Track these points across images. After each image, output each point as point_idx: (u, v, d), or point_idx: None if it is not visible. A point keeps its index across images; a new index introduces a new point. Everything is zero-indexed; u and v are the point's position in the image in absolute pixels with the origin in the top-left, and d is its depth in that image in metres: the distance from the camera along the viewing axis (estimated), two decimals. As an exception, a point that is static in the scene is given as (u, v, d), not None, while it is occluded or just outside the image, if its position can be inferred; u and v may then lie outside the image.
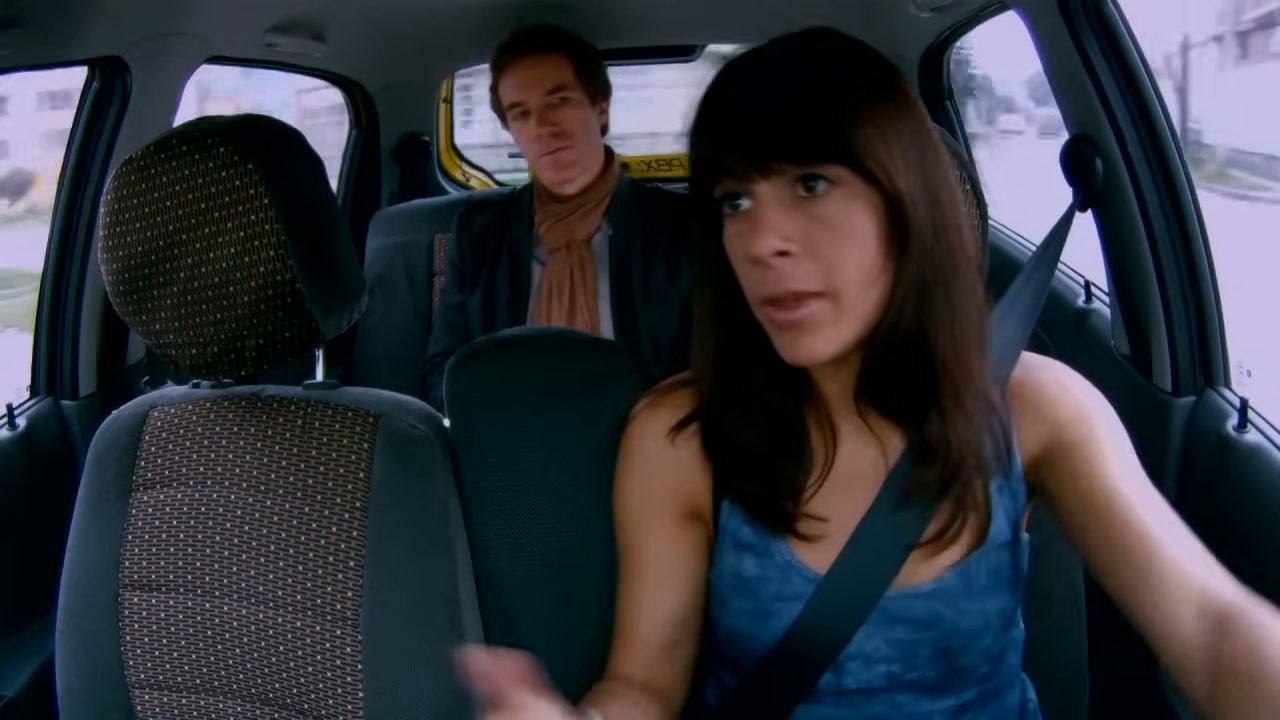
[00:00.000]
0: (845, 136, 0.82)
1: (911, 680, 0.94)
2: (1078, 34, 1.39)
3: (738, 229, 0.86)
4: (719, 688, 1.02)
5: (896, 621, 0.92)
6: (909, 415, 0.90)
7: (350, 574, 1.07)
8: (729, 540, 0.96)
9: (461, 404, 1.16)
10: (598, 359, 1.16)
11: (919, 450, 0.90)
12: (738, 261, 0.87)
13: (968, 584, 0.92)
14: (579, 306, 1.85)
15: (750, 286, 0.86)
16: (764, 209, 0.83)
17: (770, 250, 0.82)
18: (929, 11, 1.96)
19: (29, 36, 1.29)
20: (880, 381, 0.90)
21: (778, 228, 0.82)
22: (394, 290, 2.14)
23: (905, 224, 0.84)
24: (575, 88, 1.87)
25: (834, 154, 0.82)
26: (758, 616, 0.94)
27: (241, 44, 1.87)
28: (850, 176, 0.82)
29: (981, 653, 0.94)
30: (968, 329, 0.88)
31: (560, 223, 1.89)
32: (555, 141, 1.85)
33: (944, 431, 0.88)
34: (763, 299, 0.85)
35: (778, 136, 0.82)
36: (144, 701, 1.11)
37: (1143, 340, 1.45)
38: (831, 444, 0.94)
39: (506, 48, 1.90)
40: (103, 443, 1.15)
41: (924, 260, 0.85)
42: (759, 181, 0.83)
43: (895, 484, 0.92)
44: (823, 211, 0.83)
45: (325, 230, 1.08)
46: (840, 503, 0.93)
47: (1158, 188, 1.39)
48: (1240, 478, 1.28)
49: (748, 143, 0.83)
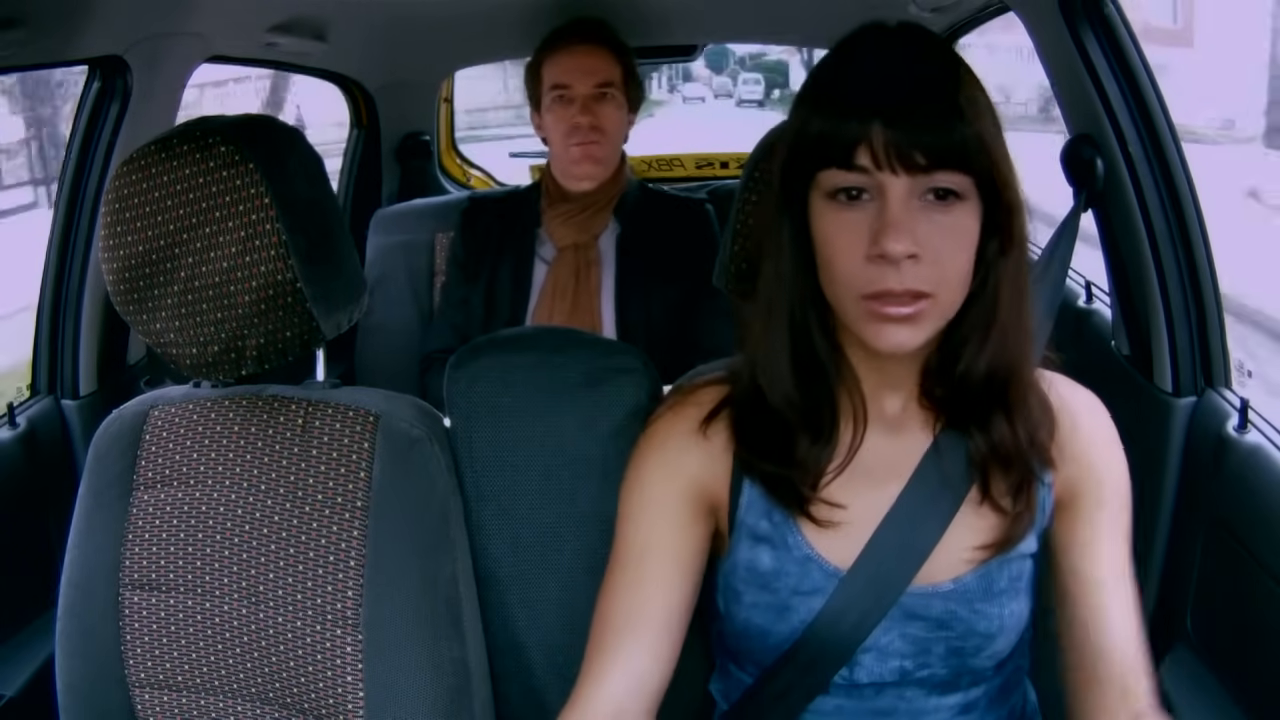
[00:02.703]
0: (986, 150, 0.83)
1: (922, 677, 0.94)
2: (1078, 34, 1.39)
3: (849, 218, 0.84)
4: (726, 682, 1.02)
5: (913, 618, 0.93)
6: (976, 416, 0.91)
7: (350, 573, 1.07)
8: (745, 532, 0.95)
9: (462, 403, 1.16)
10: (600, 358, 1.16)
11: (990, 455, 0.91)
12: (839, 250, 0.85)
13: (988, 587, 0.93)
14: (582, 306, 1.85)
15: (852, 278, 0.85)
16: (899, 208, 0.82)
17: (905, 252, 0.82)
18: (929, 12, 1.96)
19: (29, 36, 1.29)
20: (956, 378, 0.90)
21: (912, 231, 0.82)
22: (394, 290, 2.14)
23: (1011, 233, 0.86)
24: (620, 88, 1.89)
25: (972, 166, 0.83)
26: (775, 610, 0.93)
27: (242, 44, 1.87)
28: (972, 189, 0.84)
29: (993, 655, 0.95)
30: (1032, 326, 0.91)
31: (570, 220, 1.89)
32: (592, 134, 1.85)
33: (1013, 432, 0.91)
34: (875, 292, 0.84)
35: (927, 136, 0.81)
36: (144, 701, 1.11)
37: (1143, 340, 1.46)
38: (861, 433, 0.94)
39: (563, 32, 1.90)
40: (103, 442, 1.14)
41: (1019, 264, 0.88)
42: (897, 177, 0.82)
43: (923, 479, 0.93)
44: (946, 220, 0.83)
45: (326, 230, 1.08)
46: (863, 496, 0.93)
47: (1158, 188, 1.39)
48: (1240, 478, 1.28)
49: (895, 136, 0.81)
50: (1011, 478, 0.92)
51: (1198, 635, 1.35)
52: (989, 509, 0.93)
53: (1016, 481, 0.92)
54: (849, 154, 0.83)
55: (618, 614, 0.94)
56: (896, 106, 0.82)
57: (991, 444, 0.91)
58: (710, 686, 1.05)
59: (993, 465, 0.92)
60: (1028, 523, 0.93)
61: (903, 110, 0.82)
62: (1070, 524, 0.96)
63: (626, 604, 0.94)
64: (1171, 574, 1.42)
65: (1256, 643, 1.24)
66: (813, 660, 0.93)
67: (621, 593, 0.94)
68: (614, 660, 0.92)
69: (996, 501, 0.92)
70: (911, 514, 0.92)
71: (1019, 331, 0.89)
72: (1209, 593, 1.34)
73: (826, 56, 0.89)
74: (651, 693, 0.92)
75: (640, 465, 0.98)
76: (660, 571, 0.95)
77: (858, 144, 0.82)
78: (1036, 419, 0.92)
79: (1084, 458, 0.96)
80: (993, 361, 0.89)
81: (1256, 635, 1.23)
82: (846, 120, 0.83)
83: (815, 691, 0.95)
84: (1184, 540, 1.40)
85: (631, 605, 0.94)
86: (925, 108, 0.82)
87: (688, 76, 17.63)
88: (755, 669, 0.97)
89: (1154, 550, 1.43)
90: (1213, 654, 1.32)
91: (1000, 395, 0.90)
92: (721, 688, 1.03)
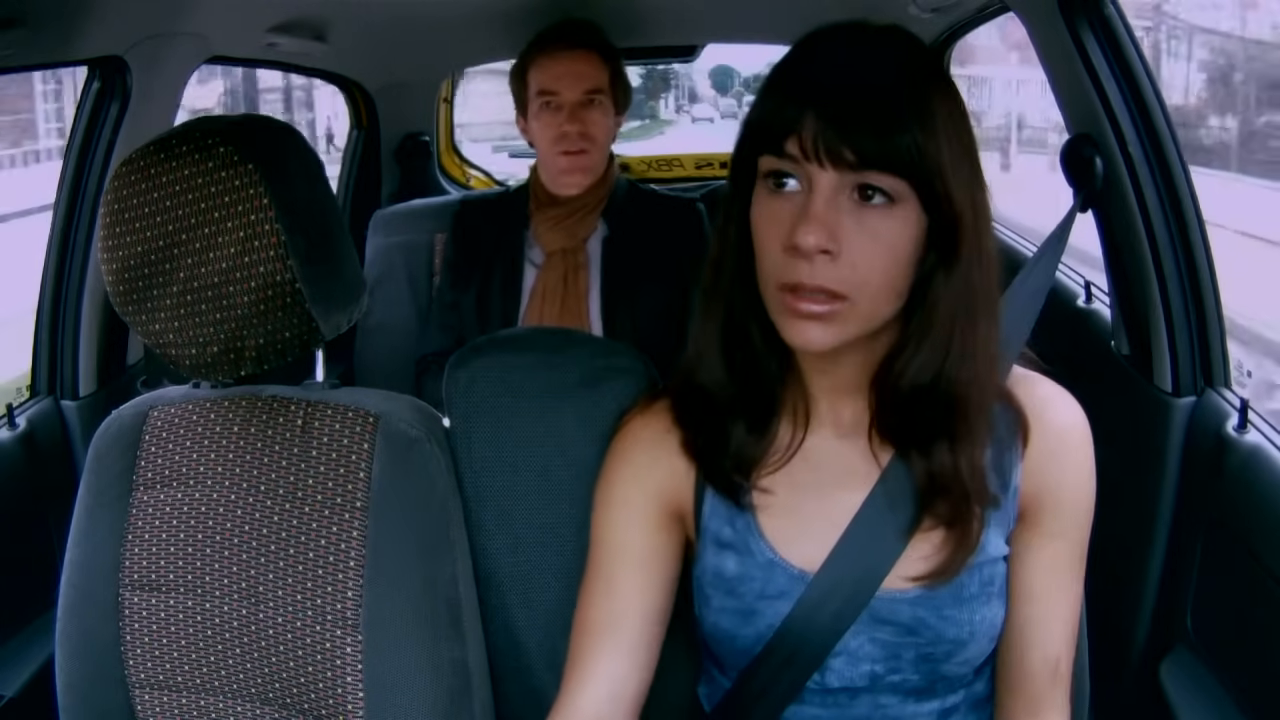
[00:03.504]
0: (928, 159, 0.81)
1: (894, 682, 0.94)
2: (1078, 34, 1.39)
3: (777, 207, 0.83)
4: (710, 685, 1.02)
5: (882, 623, 0.92)
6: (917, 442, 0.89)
7: (350, 574, 1.07)
8: (710, 538, 0.95)
9: (461, 403, 1.16)
10: (599, 358, 1.16)
11: (927, 482, 0.89)
12: (765, 238, 0.84)
13: (956, 593, 0.91)
14: (570, 310, 1.85)
15: (773, 267, 0.84)
16: (819, 201, 0.81)
17: (817, 246, 0.80)
18: (929, 12, 1.96)
19: (29, 36, 1.30)
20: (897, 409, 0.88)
21: (829, 226, 0.81)
22: (394, 290, 2.14)
23: (955, 243, 0.83)
24: (608, 93, 1.87)
25: (907, 172, 0.81)
26: (740, 615, 0.93)
27: (242, 44, 1.87)
28: (909, 194, 0.81)
29: (966, 662, 0.94)
30: (990, 349, 0.88)
31: (558, 226, 1.88)
32: (580, 141, 1.83)
33: (954, 462, 0.88)
34: (787, 284, 0.83)
35: (860, 134, 0.80)
36: (144, 701, 1.11)
37: (1143, 340, 1.45)
38: (802, 432, 0.93)
39: (549, 36, 1.87)
40: (103, 443, 1.14)
41: (966, 281, 0.85)
42: (823, 170, 0.81)
43: (887, 483, 0.92)
44: (870, 222, 0.81)
45: (325, 230, 1.08)
46: (820, 499, 0.93)
47: (1158, 188, 1.39)
48: (1240, 478, 1.28)
49: (826, 129, 0.80)
50: (945, 508, 0.89)
51: (1198, 635, 1.35)
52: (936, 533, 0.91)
53: (950, 514, 0.89)
54: (780, 141, 0.82)
55: (594, 621, 0.94)
56: (833, 101, 0.81)
57: (929, 471, 0.89)
58: (697, 689, 1.05)
59: (929, 492, 0.89)
60: (963, 558, 0.90)
61: (839, 105, 0.80)
62: (1024, 539, 0.95)
63: (602, 611, 0.94)
64: (1171, 574, 1.42)
65: (1256, 643, 1.24)
66: (784, 663, 0.93)
67: (597, 600, 0.95)
68: (592, 668, 0.92)
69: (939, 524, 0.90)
70: (876, 518, 0.91)
71: (966, 352, 0.86)
72: (1209, 593, 1.34)
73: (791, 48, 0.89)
74: (631, 697, 0.93)
75: (608, 469, 0.99)
76: (632, 576, 0.95)
77: (789, 132, 0.81)
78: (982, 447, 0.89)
79: (1056, 482, 0.93)
80: (932, 379, 0.86)
81: (1256, 635, 1.23)
82: (784, 108, 0.82)
83: (792, 694, 0.94)
84: (1184, 540, 1.40)
85: (607, 612, 0.94)
86: (863, 106, 0.80)
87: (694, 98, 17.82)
88: (734, 673, 0.97)
89: (1154, 550, 1.43)
90: (1213, 654, 1.32)
91: (945, 420, 0.87)
92: (706, 691, 1.03)
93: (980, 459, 0.89)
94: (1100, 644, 1.17)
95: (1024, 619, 0.95)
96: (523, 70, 1.89)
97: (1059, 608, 0.95)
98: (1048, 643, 0.95)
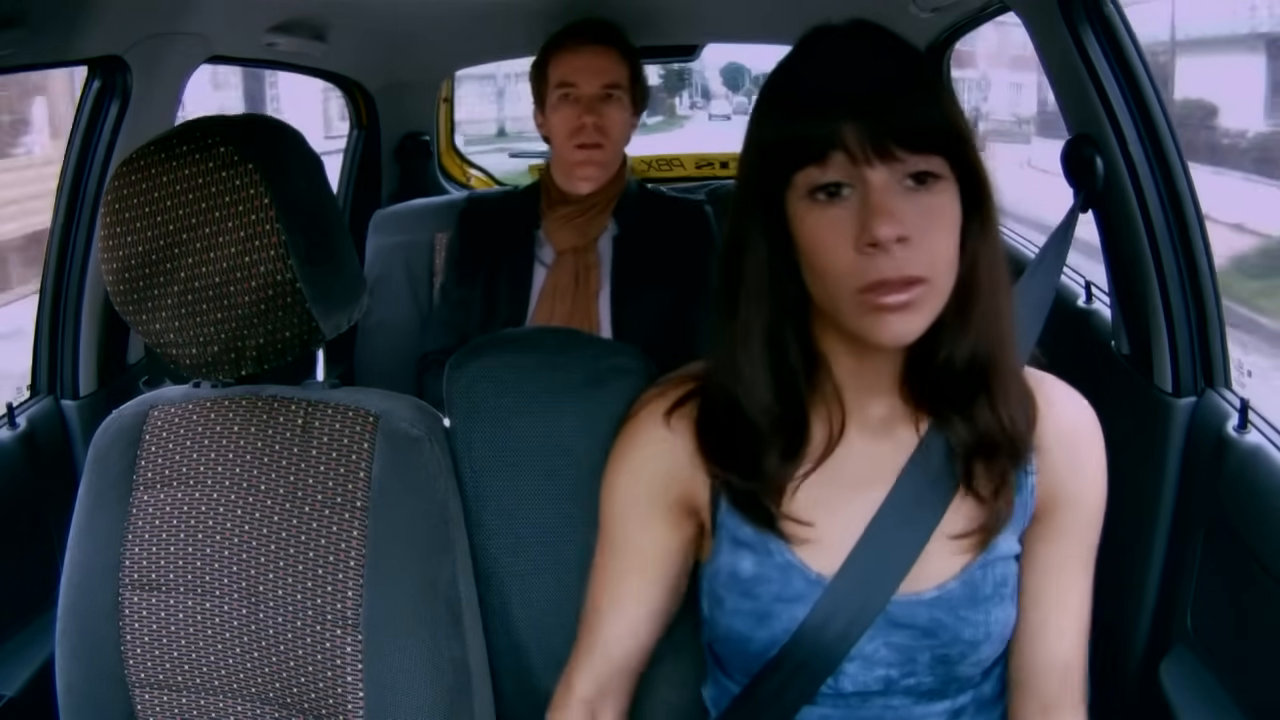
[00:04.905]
0: (956, 129, 0.85)
1: (909, 685, 0.94)
2: (1078, 34, 1.39)
3: (833, 215, 0.84)
4: (716, 689, 1.02)
5: (898, 626, 0.92)
6: (958, 404, 0.91)
7: (350, 574, 1.07)
8: (726, 536, 0.95)
9: (462, 403, 1.16)
10: (600, 358, 1.16)
11: (975, 444, 0.91)
12: (828, 248, 0.85)
13: (972, 593, 0.92)
14: (580, 309, 1.85)
15: (847, 273, 0.84)
16: (883, 195, 0.83)
17: (895, 235, 0.82)
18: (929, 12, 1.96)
19: (29, 36, 1.30)
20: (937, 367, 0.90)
21: (899, 215, 0.83)
22: (394, 290, 2.13)
23: (986, 211, 0.88)
24: (626, 90, 1.88)
25: (946, 146, 0.84)
26: (756, 617, 0.93)
27: (241, 44, 1.87)
28: (946, 170, 0.85)
29: (979, 663, 0.94)
30: (1010, 314, 0.92)
31: (570, 223, 1.88)
32: (596, 135, 1.83)
33: (998, 418, 0.90)
34: (871, 283, 0.83)
35: (900, 128, 0.83)
36: (144, 701, 1.11)
37: (1143, 340, 1.45)
38: (835, 440, 0.93)
39: (570, 31, 1.88)
40: (103, 442, 1.15)
41: (995, 244, 0.89)
42: (874, 168, 0.83)
43: (907, 483, 0.92)
44: (924, 203, 0.84)
45: (325, 230, 1.08)
46: (842, 503, 0.93)
47: (1158, 188, 1.39)
48: (1240, 478, 1.28)
49: (868, 133, 0.82)
50: (995, 467, 0.91)
51: (1197, 635, 1.35)
52: (971, 505, 0.92)
53: (1000, 471, 0.92)
54: (824, 153, 0.83)
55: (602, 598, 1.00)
56: (863, 99, 0.83)
57: (976, 432, 0.91)
58: (703, 693, 1.05)
59: (976, 456, 0.91)
60: (1008, 514, 0.92)
61: (870, 101, 0.83)
62: (1036, 537, 0.96)
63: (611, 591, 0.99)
64: (1171, 574, 1.42)
65: (1256, 643, 1.23)
66: (798, 668, 0.93)
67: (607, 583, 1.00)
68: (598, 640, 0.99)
69: (979, 494, 0.92)
70: (896, 520, 0.92)
71: (998, 316, 0.90)
72: (1209, 593, 1.34)
73: (784, 59, 0.90)
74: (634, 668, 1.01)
75: (614, 462, 0.99)
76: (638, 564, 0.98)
77: (832, 142, 0.83)
78: (1018, 404, 0.92)
79: (1068, 479, 0.95)
80: (974, 347, 0.89)
81: (1256, 635, 1.23)
82: (817, 120, 0.83)
83: (802, 701, 0.94)
84: (1184, 540, 1.39)
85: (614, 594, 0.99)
86: (891, 96, 0.83)
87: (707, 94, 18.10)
88: (742, 677, 0.96)
89: (1154, 550, 1.43)
90: (1212, 654, 1.32)
91: (982, 381, 0.90)
92: (713, 695, 1.03)
93: (1020, 417, 0.92)
94: (1100, 643, 1.17)
95: (1037, 618, 0.96)
96: (543, 64, 1.90)
97: (1070, 606, 0.96)
98: (1060, 641, 0.96)
